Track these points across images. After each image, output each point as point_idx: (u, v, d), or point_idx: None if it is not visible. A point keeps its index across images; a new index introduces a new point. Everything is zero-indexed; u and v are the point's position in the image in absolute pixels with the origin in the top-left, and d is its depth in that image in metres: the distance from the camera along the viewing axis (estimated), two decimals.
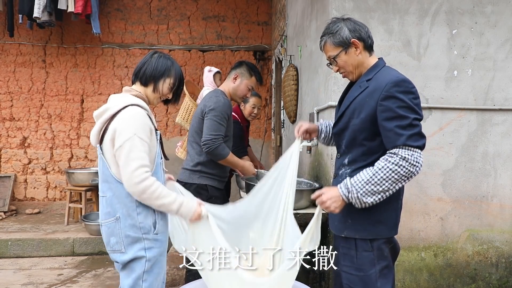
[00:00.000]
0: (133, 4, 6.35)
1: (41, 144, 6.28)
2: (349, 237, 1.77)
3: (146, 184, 1.69)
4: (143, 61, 1.91)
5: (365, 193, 1.63)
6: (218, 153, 2.55)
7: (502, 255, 2.83)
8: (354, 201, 1.66)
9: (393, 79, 1.66)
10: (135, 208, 1.76)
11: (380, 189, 1.62)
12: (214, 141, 2.52)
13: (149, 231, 1.77)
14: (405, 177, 1.61)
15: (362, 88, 1.75)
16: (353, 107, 1.76)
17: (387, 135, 1.64)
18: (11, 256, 4.54)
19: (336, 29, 1.76)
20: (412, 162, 1.59)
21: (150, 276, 1.78)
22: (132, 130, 1.71)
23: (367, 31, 1.79)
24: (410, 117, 1.61)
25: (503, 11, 2.82)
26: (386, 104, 1.64)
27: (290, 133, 4.46)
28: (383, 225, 1.73)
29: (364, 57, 1.78)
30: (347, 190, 1.66)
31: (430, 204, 2.79)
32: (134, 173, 1.67)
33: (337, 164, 1.89)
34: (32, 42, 6.22)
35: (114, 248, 1.79)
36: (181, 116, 4.20)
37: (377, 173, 1.61)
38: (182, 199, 1.80)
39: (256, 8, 6.49)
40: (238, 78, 2.74)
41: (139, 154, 1.69)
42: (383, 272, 1.74)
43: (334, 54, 1.78)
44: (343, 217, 1.78)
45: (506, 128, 2.83)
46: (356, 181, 1.65)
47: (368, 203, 1.65)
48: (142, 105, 1.81)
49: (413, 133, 1.60)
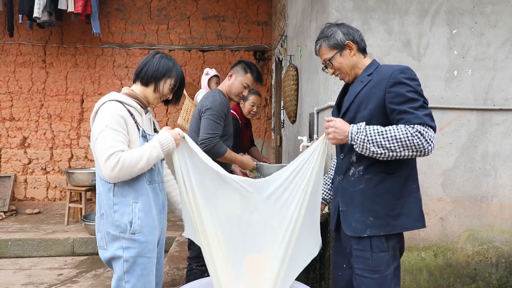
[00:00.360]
0: (133, 4, 6.35)
1: (41, 144, 6.28)
2: (365, 237, 1.74)
3: (119, 165, 1.67)
4: (145, 61, 1.91)
5: (372, 141, 1.64)
6: (216, 151, 2.55)
7: (502, 255, 2.83)
8: (357, 143, 1.66)
9: (398, 67, 1.73)
10: (112, 206, 1.76)
11: (387, 144, 1.62)
12: (211, 140, 2.53)
13: (125, 230, 1.75)
14: (416, 148, 1.62)
15: (364, 82, 1.78)
16: (359, 101, 1.77)
17: (402, 117, 1.66)
18: (11, 256, 4.54)
19: (330, 32, 1.84)
20: (427, 138, 1.61)
21: (132, 278, 1.76)
22: (104, 122, 1.71)
23: (360, 34, 1.87)
24: (420, 99, 1.66)
25: (503, 11, 2.82)
26: (395, 90, 1.67)
27: (290, 133, 4.46)
28: (406, 217, 1.73)
29: (358, 59, 1.84)
30: (357, 130, 1.67)
31: (430, 204, 2.79)
32: (105, 163, 1.67)
33: (343, 165, 1.86)
34: (32, 42, 6.22)
35: (99, 244, 1.82)
36: (182, 117, 4.23)
37: (392, 130, 1.63)
38: (156, 140, 1.77)
39: (256, 8, 6.49)
40: (233, 76, 2.74)
41: (110, 143, 1.69)
42: (395, 273, 1.74)
43: (329, 56, 1.84)
44: (362, 217, 1.75)
45: (506, 128, 2.83)
46: (370, 128, 1.66)
47: (369, 151, 1.65)
48: (123, 101, 1.80)
49: (427, 113, 1.65)
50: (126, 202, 1.76)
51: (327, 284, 2.72)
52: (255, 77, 2.75)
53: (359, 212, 1.74)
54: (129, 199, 1.77)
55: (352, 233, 1.77)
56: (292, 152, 4.30)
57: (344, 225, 1.82)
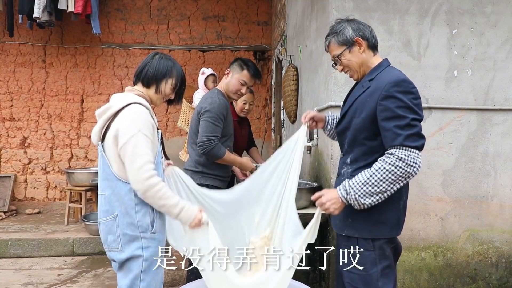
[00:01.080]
0: (133, 4, 6.35)
1: (41, 144, 6.28)
2: (351, 236, 1.78)
3: (153, 181, 1.68)
4: (145, 63, 1.91)
5: (363, 195, 1.64)
6: (214, 153, 2.56)
7: (502, 255, 2.83)
8: (352, 203, 1.67)
9: (393, 79, 1.67)
10: (133, 206, 1.75)
11: (377, 190, 1.62)
12: (209, 142, 2.53)
13: (147, 229, 1.77)
14: (402, 177, 1.61)
15: (364, 88, 1.76)
16: (355, 107, 1.77)
17: (386, 135, 1.65)
18: (11, 256, 4.53)
19: (340, 28, 1.79)
20: (409, 163, 1.59)
21: (147, 276, 1.77)
22: (136, 127, 1.71)
23: (371, 31, 1.82)
24: (408, 117, 1.61)
25: (503, 11, 2.82)
26: (385, 103, 1.65)
27: (290, 133, 4.46)
28: (383, 224, 1.74)
29: (368, 56, 1.80)
30: (345, 192, 1.67)
31: (430, 204, 2.79)
32: (141, 168, 1.67)
33: (340, 164, 1.91)
34: (32, 42, 6.22)
35: (112, 246, 1.79)
36: (182, 120, 4.26)
37: (374, 175, 1.62)
38: (184, 204, 1.78)
39: (256, 8, 6.49)
40: (230, 74, 2.74)
41: (144, 150, 1.70)
42: (384, 272, 1.74)
43: (338, 53, 1.81)
44: (344, 216, 1.79)
45: (506, 128, 2.83)
46: (354, 183, 1.66)
47: (366, 204, 1.65)
48: (144, 104, 1.82)
49: (411, 133, 1.60)
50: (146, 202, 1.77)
51: (327, 284, 2.72)
52: (252, 74, 2.72)
53: (342, 212, 1.76)
54: None
55: (336, 230, 1.88)
56: None
57: (332, 221, 1.92)
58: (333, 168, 2.70)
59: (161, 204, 1.73)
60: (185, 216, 1.76)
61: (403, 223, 1.81)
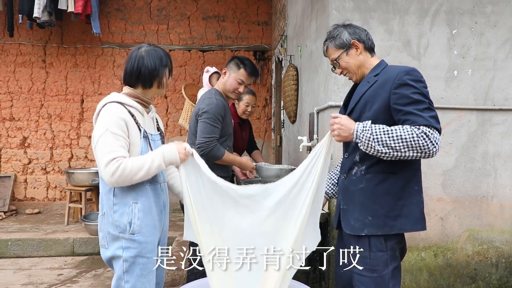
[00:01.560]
0: (133, 4, 6.35)
1: (41, 144, 6.28)
2: (363, 237, 1.74)
3: (119, 171, 1.67)
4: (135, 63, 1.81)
5: (377, 139, 1.63)
6: (213, 155, 2.56)
7: (502, 255, 2.83)
8: (361, 141, 1.65)
9: (404, 68, 1.73)
10: (112, 206, 1.77)
11: (392, 144, 1.61)
12: (208, 144, 2.53)
13: (124, 230, 1.76)
14: (421, 148, 1.61)
15: (371, 82, 1.78)
16: (364, 101, 1.77)
17: (408, 118, 1.65)
18: (11, 256, 4.53)
19: (336, 33, 1.85)
20: (432, 140, 1.60)
21: (132, 277, 1.76)
22: (104, 126, 1.71)
23: (367, 34, 1.87)
24: (425, 101, 1.66)
25: (503, 11, 2.82)
26: (400, 91, 1.67)
27: (290, 133, 4.46)
28: (405, 219, 1.73)
29: (365, 58, 1.85)
30: (363, 128, 1.66)
31: (430, 204, 2.79)
32: (105, 168, 1.68)
33: (347, 164, 1.87)
34: (32, 42, 6.22)
35: (101, 243, 1.83)
36: (183, 118, 4.26)
37: (398, 130, 1.62)
38: (161, 150, 1.75)
39: (256, 8, 6.49)
40: (227, 73, 2.72)
41: (110, 148, 1.69)
42: (394, 273, 1.74)
43: (336, 56, 1.85)
44: (361, 216, 1.75)
45: (506, 128, 2.83)
46: (376, 126, 1.65)
47: (374, 150, 1.64)
48: (124, 102, 1.78)
49: (432, 115, 1.64)
50: (125, 202, 1.77)
51: (327, 284, 2.72)
52: (248, 72, 2.69)
53: (358, 211, 1.74)
54: (129, 199, 1.77)
55: (351, 231, 1.79)
56: (292, 152, 4.30)
57: (344, 223, 1.84)
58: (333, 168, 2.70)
59: (143, 174, 1.71)
60: (170, 156, 1.74)
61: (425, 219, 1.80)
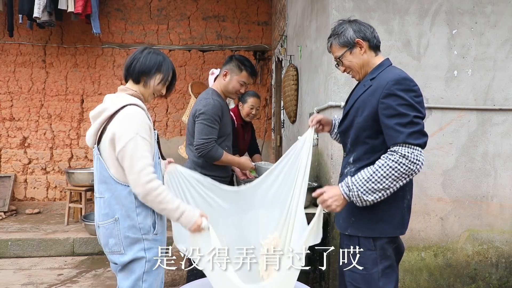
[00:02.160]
0: (133, 4, 6.35)
1: (41, 144, 6.28)
2: (353, 236, 1.78)
3: (153, 185, 1.67)
4: (132, 57, 1.85)
5: (365, 191, 1.64)
6: (211, 156, 2.56)
7: (502, 255, 2.83)
8: (355, 200, 1.67)
9: (394, 77, 1.68)
10: (134, 209, 1.75)
11: (380, 187, 1.62)
12: (206, 145, 2.53)
13: (149, 231, 1.77)
14: (406, 174, 1.61)
15: (366, 87, 1.77)
16: (357, 106, 1.78)
17: (388, 133, 1.65)
18: (11, 256, 4.53)
19: (341, 30, 1.81)
20: (412, 160, 1.59)
21: (150, 277, 1.78)
22: (134, 129, 1.69)
23: (373, 31, 1.82)
24: (410, 114, 1.62)
25: (503, 11, 2.82)
26: (386, 102, 1.65)
27: (290, 133, 4.46)
28: (386, 223, 1.73)
29: (369, 57, 1.81)
30: (348, 189, 1.67)
31: (430, 204, 2.79)
32: (141, 172, 1.66)
33: (343, 163, 1.91)
34: (32, 42, 6.22)
35: (113, 250, 1.77)
36: (187, 115, 4.25)
37: (377, 171, 1.62)
38: (185, 208, 1.75)
39: (256, 8, 6.49)
40: (228, 75, 2.71)
41: (143, 153, 1.68)
42: (385, 272, 1.74)
43: (339, 54, 1.83)
44: (347, 215, 1.80)
45: (506, 128, 2.83)
46: (356, 180, 1.66)
47: (369, 201, 1.65)
48: (139, 105, 1.79)
49: (413, 131, 1.61)
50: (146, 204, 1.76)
51: (327, 284, 2.72)
52: (250, 73, 2.71)
53: (345, 211, 1.77)
54: None
55: (339, 229, 1.88)
56: None
57: (336, 221, 1.92)
58: (333, 168, 2.70)
59: (161, 208, 1.73)
60: (185, 220, 1.75)
61: (408, 223, 1.80)
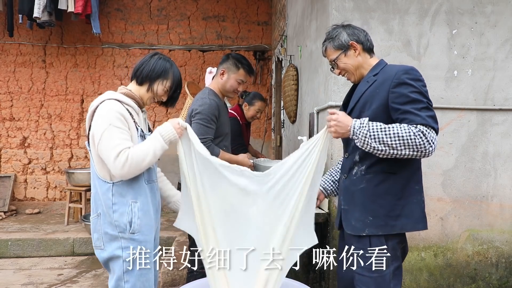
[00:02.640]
0: (133, 4, 6.35)
1: (41, 144, 6.28)
2: (364, 236, 1.74)
3: (129, 162, 1.68)
4: (142, 61, 1.91)
5: (374, 136, 1.62)
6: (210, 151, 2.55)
7: (502, 255, 2.83)
8: (358, 138, 1.64)
9: (403, 67, 1.73)
10: (111, 206, 1.76)
11: (389, 141, 1.61)
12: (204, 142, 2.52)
13: (124, 230, 1.75)
14: (418, 147, 1.60)
15: (370, 82, 1.78)
16: (363, 101, 1.78)
17: (406, 117, 1.64)
18: (11, 256, 4.54)
19: (335, 34, 1.86)
20: (429, 139, 1.60)
21: (131, 277, 1.76)
22: (107, 121, 1.71)
23: (366, 35, 1.87)
24: (424, 100, 1.66)
25: (503, 11, 2.82)
26: (398, 90, 1.67)
27: (290, 133, 4.46)
28: (406, 218, 1.73)
29: (364, 59, 1.85)
30: (360, 125, 1.65)
31: (430, 204, 2.79)
32: (114, 162, 1.68)
33: (347, 164, 1.87)
34: (32, 42, 6.22)
35: (96, 244, 1.80)
36: (183, 116, 4.24)
37: (395, 128, 1.62)
38: (157, 131, 1.78)
39: (256, 8, 6.49)
40: (225, 74, 2.70)
41: (116, 141, 1.69)
42: (395, 273, 1.74)
43: (334, 57, 1.86)
44: (362, 216, 1.75)
45: (506, 128, 2.83)
46: (373, 124, 1.65)
47: (370, 147, 1.63)
48: (121, 100, 1.80)
49: (430, 115, 1.64)
50: (125, 201, 1.76)
51: (327, 284, 2.72)
52: (247, 71, 2.71)
53: (359, 211, 1.74)
54: (128, 198, 1.77)
55: (352, 232, 1.79)
56: (292, 152, 4.29)
57: (345, 223, 1.84)
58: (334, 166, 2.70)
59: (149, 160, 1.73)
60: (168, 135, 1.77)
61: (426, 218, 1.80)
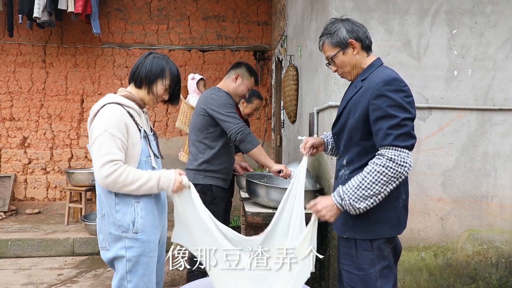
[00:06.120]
0: (133, 4, 6.35)
1: (41, 144, 6.29)
2: (350, 238, 1.78)
3: (115, 175, 1.68)
4: (138, 63, 1.89)
5: (357, 199, 1.63)
6: (251, 139, 2.59)
7: (502, 255, 2.83)
8: (348, 208, 1.67)
9: (384, 78, 1.67)
10: (113, 206, 1.77)
11: (371, 193, 1.62)
12: (244, 127, 2.58)
13: (128, 229, 1.76)
14: (394, 177, 1.60)
15: (357, 88, 1.77)
16: (349, 107, 1.78)
17: (376, 134, 1.65)
18: (11, 256, 4.54)
19: (334, 29, 1.78)
20: (399, 163, 1.59)
21: (134, 277, 1.77)
22: (104, 126, 1.71)
23: (365, 31, 1.81)
24: (399, 116, 1.61)
25: (503, 11, 2.82)
26: (376, 102, 1.64)
27: (290, 133, 4.46)
28: (382, 224, 1.74)
29: (361, 58, 1.80)
30: (340, 198, 1.67)
31: (430, 204, 2.79)
32: (101, 169, 1.68)
33: (337, 165, 1.91)
34: (32, 42, 6.22)
35: (102, 246, 1.82)
36: (180, 120, 4.26)
37: (366, 178, 1.62)
38: (159, 173, 1.77)
39: (256, 8, 6.49)
40: (239, 78, 2.81)
41: (108, 149, 1.69)
42: (383, 272, 1.74)
43: (332, 54, 1.81)
44: (345, 219, 1.79)
45: (506, 128, 2.83)
46: (347, 188, 1.66)
47: (361, 209, 1.65)
48: (123, 103, 1.80)
49: (401, 133, 1.60)
50: (127, 201, 1.77)
51: (327, 284, 2.72)
52: (255, 80, 2.91)
53: (343, 214, 1.75)
54: (131, 198, 1.77)
55: (336, 231, 1.88)
56: (292, 152, 4.30)
57: (333, 224, 1.90)
58: (333, 168, 2.70)
59: (136, 187, 1.72)
60: (164, 182, 1.76)
61: (405, 222, 1.80)
